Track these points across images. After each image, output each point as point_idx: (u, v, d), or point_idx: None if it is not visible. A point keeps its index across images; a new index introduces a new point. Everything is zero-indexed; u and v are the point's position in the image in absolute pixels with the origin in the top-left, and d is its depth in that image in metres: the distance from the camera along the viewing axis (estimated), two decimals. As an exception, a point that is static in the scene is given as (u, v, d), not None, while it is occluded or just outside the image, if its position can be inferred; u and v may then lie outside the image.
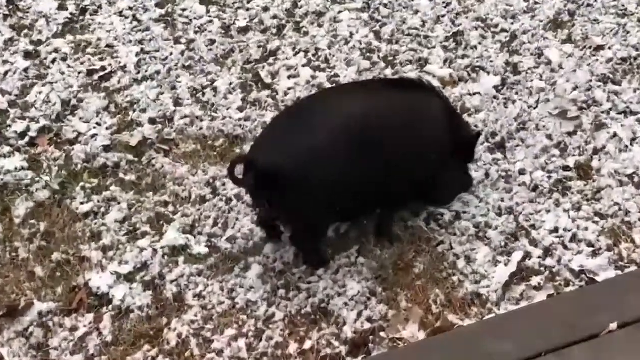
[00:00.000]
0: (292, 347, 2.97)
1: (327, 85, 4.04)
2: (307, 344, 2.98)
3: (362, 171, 3.04)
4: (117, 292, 3.16)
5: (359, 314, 3.06)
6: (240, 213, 3.44)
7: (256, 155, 3.07)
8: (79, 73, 4.19)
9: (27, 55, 4.32)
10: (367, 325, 3.02)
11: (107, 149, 3.78)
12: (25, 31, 4.46)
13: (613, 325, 2.74)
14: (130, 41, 4.37)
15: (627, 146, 3.68)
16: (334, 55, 4.23)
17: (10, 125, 3.91)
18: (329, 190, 3.02)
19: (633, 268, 3.16)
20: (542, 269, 3.19)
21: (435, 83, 3.98)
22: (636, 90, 3.95)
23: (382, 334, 2.99)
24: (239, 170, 3.02)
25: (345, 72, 4.11)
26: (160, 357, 2.96)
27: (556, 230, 3.33)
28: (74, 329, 3.07)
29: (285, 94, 4.01)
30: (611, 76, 4.04)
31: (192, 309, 3.11)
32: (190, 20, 4.50)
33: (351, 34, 4.35)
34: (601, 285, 3.06)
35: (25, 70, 4.21)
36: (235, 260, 3.28)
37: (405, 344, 2.92)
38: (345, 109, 3.13)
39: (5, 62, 4.26)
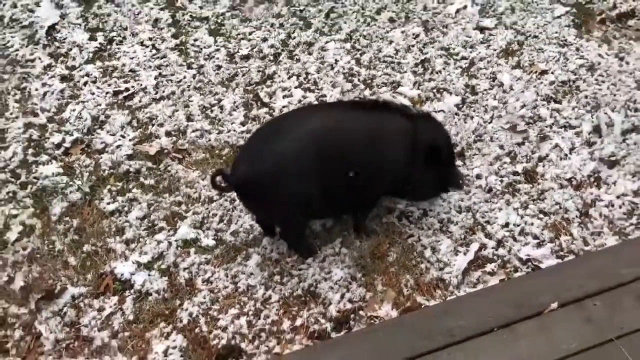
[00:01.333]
0: (286, 324, 2.98)
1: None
2: (298, 321, 2.99)
3: (326, 182, 2.96)
4: (138, 278, 3.17)
5: (342, 296, 3.07)
6: (242, 211, 3.42)
7: (234, 169, 3.00)
8: (107, 93, 4.17)
9: (63, 78, 4.30)
10: (349, 306, 3.03)
11: (130, 157, 3.77)
12: (62, 58, 4.44)
13: (554, 305, 2.75)
14: (150, 66, 4.35)
15: (566, 155, 3.69)
16: (321, 79, 4.21)
17: (48, 138, 3.89)
18: (297, 197, 2.96)
19: (571, 257, 3.18)
20: (495, 257, 3.21)
21: (406, 102, 3.98)
22: (574, 108, 3.95)
23: (361, 312, 3.00)
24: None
25: (331, 92, 4.10)
26: (174, 333, 2.96)
27: (507, 225, 3.34)
28: (101, 309, 3.08)
29: (281, 111, 3.99)
30: (553, 96, 4.04)
31: (201, 292, 3.12)
32: (201, 48, 4.48)
33: (336, 61, 4.34)
34: (544, 271, 3.07)
35: (61, 91, 4.19)
36: (238, 251, 3.28)
37: (381, 321, 2.94)
38: (312, 126, 3.00)
39: (44, 84, 4.24)
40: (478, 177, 3.57)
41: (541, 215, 3.38)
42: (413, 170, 3.14)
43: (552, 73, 4.19)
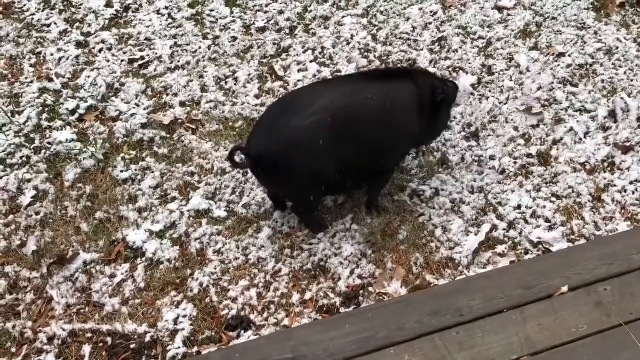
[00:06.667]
0: (295, 297, 2.99)
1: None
2: (308, 295, 2.99)
3: (339, 156, 2.95)
4: (149, 246, 3.17)
5: (352, 272, 3.07)
6: (254, 184, 3.42)
7: (251, 144, 3.00)
8: (122, 61, 4.17)
9: (79, 44, 4.29)
10: (358, 282, 3.03)
11: (144, 126, 3.76)
12: (77, 24, 4.43)
13: (564, 288, 2.75)
14: (166, 35, 4.34)
15: (581, 139, 3.66)
16: (337, 54, 4.20)
17: (63, 104, 3.89)
18: (312, 171, 2.95)
19: (582, 241, 3.17)
20: (506, 239, 3.20)
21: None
22: (590, 92, 3.92)
23: (370, 289, 3.00)
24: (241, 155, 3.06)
25: (346, 68, 4.08)
26: (185, 302, 2.97)
27: (519, 207, 3.32)
28: (112, 276, 3.08)
29: (295, 85, 3.97)
30: (570, 79, 4.01)
31: (212, 262, 3.12)
32: (217, 19, 4.47)
33: (352, 36, 4.32)
34: (555, 254, 3.06)
35: (77, 57, 4.19)
36: (250, 223, 3.28)
37: (390, 298, 2.93)
38: (327, 101, 2.97)
39: (60, 50, 4.24)
40: (492, 158, 3.55)
41: (553, 199, 3.36)
42: (427, 123, 3.21)
43: (570, 56, 4.16)
